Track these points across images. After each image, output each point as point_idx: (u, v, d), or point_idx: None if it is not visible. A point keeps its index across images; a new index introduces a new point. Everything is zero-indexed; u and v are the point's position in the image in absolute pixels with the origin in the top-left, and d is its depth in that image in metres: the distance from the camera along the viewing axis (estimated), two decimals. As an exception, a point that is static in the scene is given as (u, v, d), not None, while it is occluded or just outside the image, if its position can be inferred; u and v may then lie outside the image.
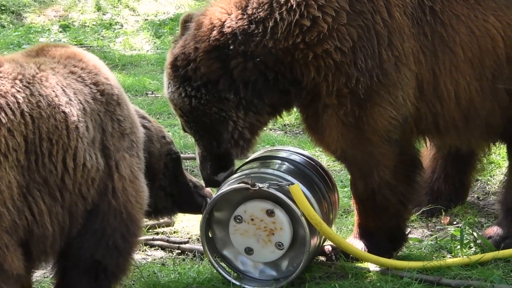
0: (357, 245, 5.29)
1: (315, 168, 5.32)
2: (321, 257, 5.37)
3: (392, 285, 4.96)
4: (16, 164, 3.84)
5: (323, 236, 5.12)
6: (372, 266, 5.20)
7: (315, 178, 5.23)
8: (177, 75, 5.09)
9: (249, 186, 4.87)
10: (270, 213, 4.92)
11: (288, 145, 7.10)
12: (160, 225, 6.00)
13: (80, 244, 4.20)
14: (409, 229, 5.66)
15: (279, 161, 5.32)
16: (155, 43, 11.54)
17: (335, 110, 4.97)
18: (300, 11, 4.88)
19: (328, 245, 5.36)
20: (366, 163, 5.10)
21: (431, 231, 5.84)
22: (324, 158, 6.82)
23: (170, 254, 5.62)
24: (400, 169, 5.15)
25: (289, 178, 5.00)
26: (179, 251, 5.64)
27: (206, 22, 5.04)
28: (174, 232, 5.97)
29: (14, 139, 3.85)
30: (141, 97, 9.09)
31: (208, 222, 5.05)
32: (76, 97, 4.13)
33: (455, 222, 5.96)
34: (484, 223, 5.96)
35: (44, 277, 5.11)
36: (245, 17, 4.97)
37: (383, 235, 5.29)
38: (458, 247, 5.41)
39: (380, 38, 4.90)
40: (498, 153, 6.66)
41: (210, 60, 4.99)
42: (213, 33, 4.98)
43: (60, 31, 11.95)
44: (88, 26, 12.16)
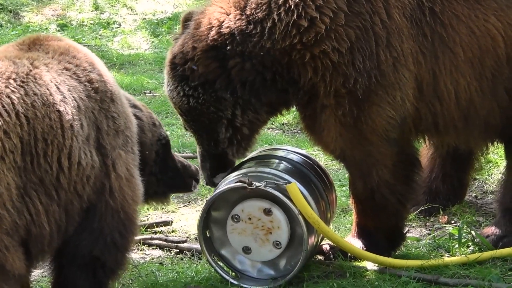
0: (355, 244, 5.29)
1: (312, 167, 5.32)
2: (319, 256, 5.37)
3: (390, 284, 4.97)
4: (13, 165, 3.83)
5: (321, 235, 5.12)
6: (370, 265, 5.20)
7: (312, 177, 5.23)
8: (175, 74, 5.10)
9: (246, 185, 4.87)
10: (267, 212, 4.92)
11: (286, 144, 7.11)
12: (158, 224, 6.00)
13: (78, 242, 4.19)
14: (407, 228, 5.67)
15: (277, 160, 5.32)
16: (153, 42, 11.53)
17: (333, 110, 4.97)
18: (298, 11, 4.88)
19: (326, 244, 5.36)
20: (365, 163, 5.10)
21: (429, 230, 5.84)
22: (322, 157, 6.82)
23: (168, 253, 5.62)
24: (399, 168, 5.15)
25: (286, 177, 5.00)
26: (177, 250, 5.64)
27: (205, 22, 5.04)
28: (172, 232, 5.97)
29: (10, 141, 3.83)
30: (139, 96, 9.08)
31: (205, 222, 5.05)
32: (70, 94, 4.11)
33: (453, 221, 5.96)
34: (482, 222, 5.96)
35: (42, 277, 5.11)
36: (243, 17, 4.97)
37: (382, 234, 5.29)
38: (456, 246, 5.42)
39: (379, 39, 4.90)
40: (496, 152, 6.66)
41: (208, 59, 4.99)
42: (211, 33, 4.98)
43: (58, 30, 11.93)
44: (86, 25, 12.14)
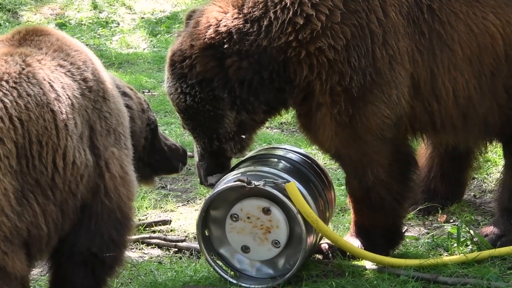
0: (354, 243, 5.29)
1: (311, 166, 5.32)
2: (318, 255, 5.37)
3: (389, 283, 4.97)
4: (9, 170, 3.81)
5: (320, 234, 5.12)
6: (369, 264, 5.20)
7: (311, 176, 5.23)
8: (174, 71, 5.12)
9: (245, 184, 4.87)
10: (266, 211, 4.92)
11: (285, 143, 7.11)
12: (157, 223, 6.00)
13: (76, 240, 4.19)
14: (405, 227, 5.67)
15: (276, 159, 5.32)
16: (151, 41, 11.52)
17: (328, 108, 4.97)
18: (294, 9, 4.90)
19: (325, 243, 5.36)
20: (360, 162, 5.10)
21: (428, 229, 5.84)
22: (321, 156, 6.82)
23: (167, 252, 5.62)
24: (394, 167, 5.15)
25: (285, 176, 5.00)
26: (176, 249, 5.64)
27: (203, 21, 5.05)
28: (171, 231, 5.97)
29: (5, 146, 3.80)
30: (138, 95, 9.06)
31: (204, 221, 5.05)
32: (64, 92, 4.07)
33: (451, 220, 5.96)
34: (481, 221, 5.96)
35: (41, 276, 5.11)
36: (240, 16, 4.98)
37: (380, 233, 5.29)
38: (455, 245, 5.42)
39: (374, 37, 4.90)
40: (494, 151, 6.66)
41: (205, 58, 5.00)
42: (209, 32, 5.00)
43: (57, 29, 11.92)
44: (84, 24, 12.13)
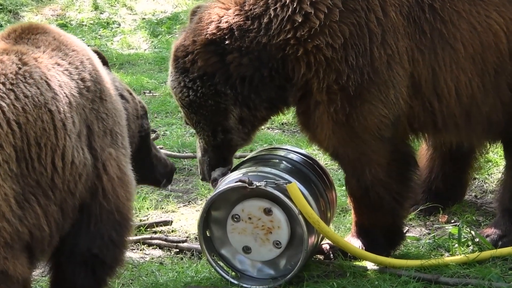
0: (355, 243, 5.29)
1: (312, 166, 5.32)
2: (319, 255, 5.37)
3: (390, 284, 4.97)
4: (9, 174, 3.79)
5: (321, 235, 5.12)
6: (370, 265, 5.20)
7: (312, 177, 5.23)
8: (177, 65, 5.17)
9: (247, 184, 4.87)
10: (267, 211, 4.92)
11: (286, 144, 7.11)
12: (158, 224, 6.00)
13: (76, 241, 4.19)
14: (407, 228, 5.66)
15: (277, 160, 5.32)
16: (152, 42, 11.52)
17: (325, 107, 4.98)
18: (293, 6, 4.92)
19: (326, 244, 5.36)
20: (358, 161, 5.10)
21: (429, 229, 5.84)
22: (322, 157, 6.82)
23: (168, 253, 5.62)
24: (393, 166, 5.14)
25: (287, 176, 5.00)
26: (177, 250, 5.64)
27: (206, 17, 5.11)
28: (172, 231, 5.96)
29: (4, 151, 3.78)
30: (138, 96, 9.07)
31: (205, 221, 5.05)
32: (61, 90, 4.05)
33: (452, 221, 5.96)
34: (482, 221, 5.96)
35: (42, 276, 5.11)
36: (242, 13, 5.02)
37: (380, 233, 5.29)
38: (456, 245, 5.41)
39: (373, 36, 4.91)
40: (495, 151, 6.66)
41: (207, 53, 5.04)
42: (210, 27, 5.04)
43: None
44: (85, 25, 12.13)
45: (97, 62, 4.42)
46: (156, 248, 5.70)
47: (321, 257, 5.37)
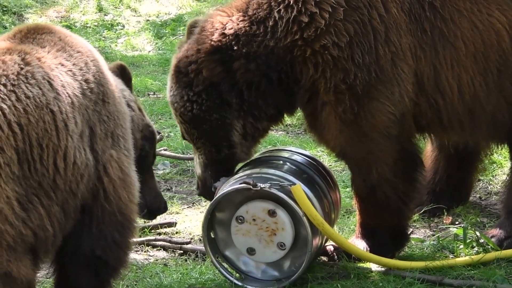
0: (359, 244, 5.29)
1: (316, 168, 5.32)
2: (323, 257, 5.37)
3: (395, 285, 4.96)
4: (11, 177, 3.78)
5: (325, 236, 5.12)
6: (374, 266, 5.20)
7: (316, 178, 5.22)
8: (179, 78, 5.10)
9: (251, 186, 4.87)
10: (272, 213, 4.92)
11: (290, 145, 7.10)
12: (162, 225, 6.00)
13: (79, 243, 4.19)
14: (411, 229, 5.66)
15: (281, 161, 5.32)
16: (156, 43, 11.54)
17: (333, 107, 4.98)
18: (298, 7, 4.92)
19: (330, 245, 5.35)
20: (365, 160, 5.10)
21: (433, 231, 5.83)
22: (326, 158, 6.82)
23: (173, 254, 5.62)
24: (399, 166, 5.14)
25: (291, 178, 5.00)
26: (181, 251, 5.64)
27: (208, 26, 5.07)
28: (176, 233, 5.96)
29: (5, 154, 3.77)
30: (142, 97, 9.09)
31: (210, 223, 5.05)
32: (64, 90, 4.03)
33: (457, 222, 5.95)
34: (486, 223, 5.95)
35: (47, 278, 5.11)
36: (246, 18, 5.01)
37: (385, 234, 5.29)
38: (461, 246, 5.40)
39: (377, 34, 4.91)
40: (500, 153, 6.65)
41: (212, 62, 5.00)
42: (215, 36, 5.01)
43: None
44: (89, 27, 12.16)
45: (103, 64, 4.40)
46: (160, 249, 5.70)
47: (325, 259, 5.37)
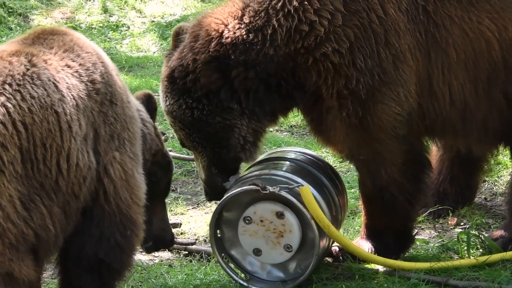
0: (364, 246, 5.29)
1: (324, 169, 5.31)
2: (328, 258, 5.37)
3: (399, 286, 4.96)
4: (14, 176, 3.78)
5: (331, 239, 5.11)
6: (379, 267, 5.19)
7: (324, 180, 5.21)
8: (175, 87, 5.04)
9: (260, 189, 4.85)
10: (280, 215, 4.91)
11: (296, 146, 7.09)
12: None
13: (81, 245, 4.18)
14: (416, 230, 5.65)
15: (288, 163, 5.30)
16: (161, 44, 11.53)
17: (337, 112, 4.96)
18: (298, 16, 4.88)
19: (335, 246, 5.35)
20: (373, 161, 5.09)
21: (438, 232, 5.82)
22: (331, 159, 6.81)
23: (177, 255, 5.62)
24: (408, 167, 5.13)
25: (299, 180, 4.99)
26: (186, 252, 5.64)
27: (203, 34, 5.00)
28: (181, 234, 5.97)
29: (8, 152, 3.77)
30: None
31: (217, 222, 5.04)
32: (69, 92, 4.03)
33: (462, 223, 5.94)
34: (492, 224, 5.94)
35: (52, 279, 5.12)
36: (242, 26, 4.95)
37: (390, 235, 5.28)
38: (465, 248, 5.39)
39: (377, 37, 4.89)
40: (505, 154, 6.63)
41: (209, 71, 4.96)
42: (212, 45, 4.95)
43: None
44: (94, 28, 12.16)
45: (111, 66, 4.38)
46: (165, 250, 5.70)
47: (330, 260, 5.37)
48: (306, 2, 4.88)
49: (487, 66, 5.01)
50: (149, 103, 4.79)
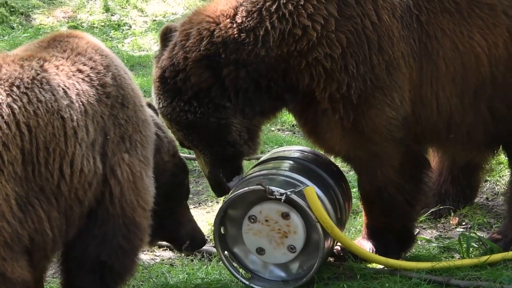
0: (366, 245, 5.29)
1: (328, 167, 5.30)
2: (330, 257, 5.36)
3: (401, 286, 4.95)
4: (13, 176, 3.78)
5: (335, 240, 5.11)
6: (380, 267, 5.19)
7: (329, 180, 5.20)
8: (166, 88, 5.01)
9: (267, 193, 4.83)
10: (285, 216, 4.90)
11: (301, 145, 7.08)
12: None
13: (84, 247, 4.17)
14: (417, 230, 5.65)
15: (293, 162, 5.28)
16: (163, 44, 11.53)
17: (330, 114, 4.96)
18: (293, 20, 4.86)
19: (337, 246, 5.35)
20: (370, 163, 5.09)
21: (440, 231, 5.82)
22: (332, 158, 6.79)
23: (179, 254, 5.62)
24: (405, 168, 5.13)
25: (304, 180, 4.98)
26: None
27: (194, 33, 4.97)
28: (183, 233, 5.96)
29: (9, 152, 3.77)
30: (149, 97, 9.08)
31: (222, 219, 5.03)
32: (78, 98, 4.04)
33: (464, 223, 5.94)
34: (493, 223, 5.94)
35: (53, 278, 5.12)
36: (234, 26, 4.92)
37: (391, 235, 5.28)
38: (466, 250, 5.39)
39: (370, 43, 4.86)
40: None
41: (200, 69, 4.93)
42: (203, 43, 4.92)
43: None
44: (96, 27, 12.18)
45: (126, 71, 4.36)
46: (167, 249, 5.70)
47: (332, 259, 5.36)
48: (300, 7, 4.86)
49: (474, 81, 5.01)
50: (150, 106, 4.82)
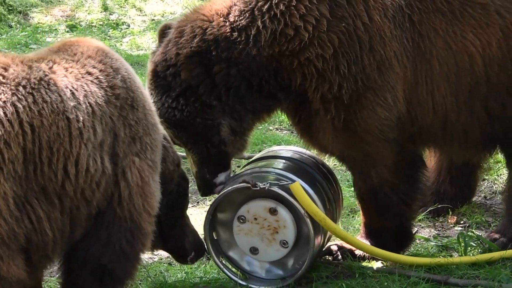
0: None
1: (317, 166, 5.31)
2: (328, 256, 5.36)
3: (400, 285, 4.95)
4: (13, 175, 3.77)
5: (328, 234, 5.11)
6: (379, 265, 5.19)
7: (317, 176, 5.22)
8: (157, 83, 5.03)
9: (250, 185, 4.85)
10: (273, 211, 4.91)
11: (293, 145, 7.09)
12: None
13: (87, 248, 4.16)
14: (415, 229, 5.65)
15: (282, 160, 5.31)
16: (161, 43, 11.53)
17: (322, 115, 4.95)
18: (285, 20, 4.87)
19: (334, 245, 5.35)
20: (363, 163, 5.09)
21: (438, 230, 5.82)
22: (331, 158, 6.80)
23: (177, 254, 5.61)
24: (400, 167, 5.12)
25: (291, 176, 4.99)
26: (186, 250, 5.62)
27: (188, 30, 4.99)
28: (181, 232, 5.95)
29: (10, 150, 3.76)
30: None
31: (211, 224, 5.04)
32: (86, 100, 4.03)
33: (462, 222, 5.94)
34: (491, 222, 5.94)
35: (50, 277, 5.12)
36: (227, 24, 4.93)
37: (389, 234, 5.27)
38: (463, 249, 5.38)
39: (362, 43, 4.87)
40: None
41: (191, 64, 4.93)
42: (195, 40, 4.93)
43: (67, 31, 11.96)
44: (95, 26, 12.18)
45: (133, 75, 4.35)
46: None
47: (330, 258, 5.36)
48: (292, 7, 4.87)
49: (469, 80, 5.01)
50: None
